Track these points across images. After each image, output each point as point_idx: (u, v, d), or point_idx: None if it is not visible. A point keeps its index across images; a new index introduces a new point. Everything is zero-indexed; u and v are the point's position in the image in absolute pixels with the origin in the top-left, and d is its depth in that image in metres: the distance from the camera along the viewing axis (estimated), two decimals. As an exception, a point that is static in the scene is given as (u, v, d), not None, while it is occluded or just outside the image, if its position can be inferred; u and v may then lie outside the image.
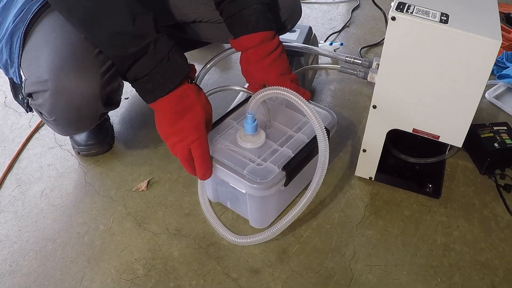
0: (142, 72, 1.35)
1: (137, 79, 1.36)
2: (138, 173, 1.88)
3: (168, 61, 1.35)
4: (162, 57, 1.34)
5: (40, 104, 1.49)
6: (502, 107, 2.25)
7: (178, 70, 1.37)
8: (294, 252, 1.59)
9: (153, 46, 1.33)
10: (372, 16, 3.05)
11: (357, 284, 1.52)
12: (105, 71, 1.49)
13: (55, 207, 1.76)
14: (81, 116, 1.53)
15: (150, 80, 1.35)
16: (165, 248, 1.61)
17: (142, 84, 1.37)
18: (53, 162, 1.94)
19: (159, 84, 1.36)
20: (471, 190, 1.83)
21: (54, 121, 1.54)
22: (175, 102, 1.39)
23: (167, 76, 1.36)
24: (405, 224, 1.69)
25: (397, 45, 1.41)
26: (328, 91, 2.35)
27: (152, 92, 1.37)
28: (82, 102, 1.48)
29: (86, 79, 1.46)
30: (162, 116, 1.41)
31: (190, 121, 1.40)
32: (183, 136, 1.41)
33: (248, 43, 1.57)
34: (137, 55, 1.33)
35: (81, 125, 1.60)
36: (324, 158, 1.46)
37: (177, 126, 1.40)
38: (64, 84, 1.43)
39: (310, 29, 2.18)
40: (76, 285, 1.52)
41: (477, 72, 1.37)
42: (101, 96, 1.50)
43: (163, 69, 1.35)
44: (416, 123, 1.57)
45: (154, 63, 1.34)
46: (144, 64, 1.34)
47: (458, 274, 1.55)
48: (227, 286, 1.50)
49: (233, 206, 1.71)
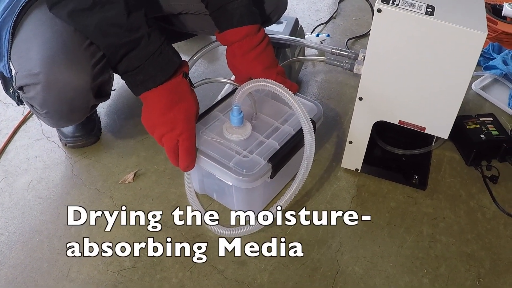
0: (134, 64, 1.36)
1: (128, 71, 1.37)
2: (125, 165, 1.88)
3: (161, 54, 1.36)
4: (155, 50, 1.35)
5: (31, 97, 1.49)
6: (488, 98, 2.26)
7: (170, 62, 1.39)
8: (280, 244, 1.60)
9: (146, 39, 1.34)
10: (358, 7, 3.05)
11: (344, 276, 1.52)
12: (96, 62, 1.48)
13: (42, 198, 1.75)
14: (73, 108, 1.53)
15: (141, 72, 1.36)
16: (151, 240, 1.61)
17: (133, 76, 1.38)
18: (40, 153, 1.94)
19: (150, 76, 1.37)
20: (457, 181, 1.84)
21: (46, 114, 1.54)
22: (169, 92, 1.40)
23: (160, 68, 1.37)
24: (391, 216, 1.70)
25: (383, 37, 1.41)
26: (314, 82, 2.35)
27: (143, 84, 1.38)
28: (73, 94, 1.48)
29: (77, 71, 1.45)
30: (154, 105, 1.41)
31: (183, 112, 1.41)
32: (173, 126, 1.41)
33: (233, 37, 1.57)
34: (130, 46, 1.34)
35: (73, 117, 1.60)
36: (310, 150, 1.47)
37: (169, 116, 1.40)
38: (56, 76, 1.43)
39: (296, 21, 2.18)
40: (63, 277, 1.52)
41: (463, 64, 1.38)
42: (92, 87, 1.50)
43: (156, 61, 1.36)
44: (402, 114, 1.57)
45: (147, 55, 1.35)
46: (136, 56, 1.35)
47: (444, 266, 1.56)
48: (213, 278, 1.51)
49: (219, 198, 1.71)
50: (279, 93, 1.45)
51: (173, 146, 1.44)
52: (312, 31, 2.78)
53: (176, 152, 1.46)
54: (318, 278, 1.51)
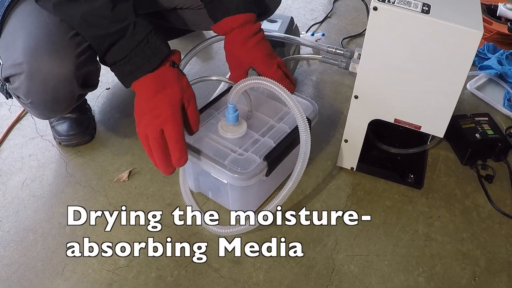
0: (120, 54, 1.35)
1: (116, 62, 1.36)
2: (119, 164, 1.88)
3: (147, 43, 1.35)
4: (141, 39, 1.34)
5: (16, 87, 1.50)
6: (483, 98, 2.26)
7: (157, 52, 1.37)
8: (276, 242, 1.59)
9: (132, 28, 1.33)
10: (354, 7, 3.05)
11: (339, 274, 1.52)
12: (81, 52, 1.49)
13: (36, 197, 1.75)
14: (57, 98, 1.54)
15: (128, 63, 1.35)
16: (146, 238, 1.60)
17: (121, 67, 1.37)
18: (34, 152, 1.93)
19: (138, 66, 1.35)
20: (453, 180, 1.84)
21: (31, 104, 1.55)
22: (153, 80, 1.37)
23: (146, 59, 1.35)
24: (386, 215, 1.70)
25: (378, 35, 1.41)
26: (309, 81, 2.35)
27: (130, 74, 1.37)
28: (57, 83, 1.49)
29: (60, 60, 1.46)
30: (139, 95, 1.40)
31: (165, 98, 1.36)
32: (156, 113, 1.35)
33: (232, 24, 1.54)
34: (116, 37, 1.33)
35: (58, 106, 1.60)
36: (305, 148, 1.47)
37: (152, 103, 1.36)
38: (39, 65, 1.44)
39: (291, 20, 2.18)
40: (58, 276, 1.51)
41: (458, 63, 1.38)
42: (77, 77, 1.51)
43: (142, 51, 1.34)
44: (397, 113, 1.57)
45: (133, 45, 1.34)
46: (122, 46, 1.34)
47: (440, 264, 1.56)
48: (209, 276, 1.50)
49: (214, 196, 1.71)
50: (275, 91, 1.45)
51: (157, 136, 1.35)
52: (307, 31, 2.77)
53: (161, 145, 1.37)
54: (314, 276, 1.51)
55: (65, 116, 1.93)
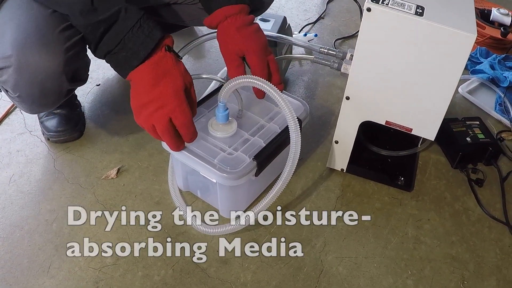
0: (114, 41, 1.33)
1: (110, 50, 1.35)
2: (108, 161, 1.86)
3: (140, 27, 1.33)
4: (133, 23, 1.33)
5: (4, 80, 1.50)
6: (475, 102, 2.26)
7: (151, 36, 1.35)
8: (264, 243, 1.59)
9: (123, 13, 1.32)
10: (347, 8, 3.04)
11: (327, 276, 1.51)
12: (70, 47, 1.49)
13: (23, 193, 1.74)
14: (45, 92, 1.53)
15: (122, 49, 1.34)
16: (134, 237, 1.59)
17: (115, 55, 1.35)
18: (22, 148, 1.92)
19: (132, 52, 1.34)
20: (443, 183, 1.84)
21: (19, 98, 1.55)
22: (151, 68, 1.36)
23: (140, 43, 1.33)
24: (376, 217, 1.69)
25: (371, 37, 1.41)
26: (301, 82, 2.34)
27: (126, 62, 1.35)
28: (45, 77, 1.48)
29: (49, 54, 1.46)
30: (138, 85, 1.38)
31: (168, 87, 1.36)
32: (161, 103, 1.35)
33: (226, 12, 1.53)
34: (108, 22, 1.31)
35: (46, 100, 1.59)
36: (295, 148, 1.46)
37: (154, 93, 1.35)
38: (27, 59, 1.44)
39: (284, 19, 2.17)
40: (44, 273, 1.50)
41: (451, 66, 1.37)
42: (65, 71, 1.50)
43: (135, 35, 1.33)
44: (389, 115, 1.56)
45: (126, 29, 1.32)
46: (115, 32, 1.32)
47: (429, 267, 1.56)
48: (196, 276, 1.50)
49: (203, 195, 1.70)
50: (266, 90, 1.44)
51: (166, 125, 1.38)
52: (299, 31, 2.77)
53: (171, 132, 1.40)
54: (302, 277, 1.50)
55: (54, 112, 1.91)
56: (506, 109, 2.17)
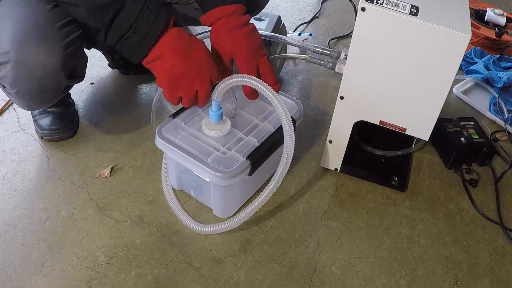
0: (126, 24, 1.34)
1: (122, 35, 1.36)
2: (101, 160, 1.86)
3: (148, 9, 1.35)
4: (142, 6, 1.34)
5: (2, 76, 1.49)
6: (469, 102, 2.27)
7: (160, 15, 1.37)
8: (257, 242, 1.59)
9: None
10: (342, 8, 3.04)
11: (321, 276, 1.51)
12: (69, 43, 1.49)
13: (16, 192, 1.73)
14: (43, 88, 1.53)
15: (135, 32, 1.35)
16: (127, 235, 1.59)
17: (128, 40, 1.36)
18: (16, 146, 1.91)
19: (146, 32, 1.35)
20: (437, 184, 1.84)
21: (17, 94, 1.54)
22: (177, 39, 1.40)
23: (151, 23, 1.35)
24: (369, 217, 1.69)
25: (366, 36, 1.40)
26: (295, 81, 2.34)
27: (140, 44, 1.37)
28: (43, 73, 1.48)
29: (48, 50, 1.46)
30: (171, 59, 1.40)
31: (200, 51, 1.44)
32: (201, 67, 1.42)
33: (219, 14, 1.52)
34: (117, 6, 1.32)
35: (44, 97, 1.59)
36: (289, 148, 1.46)
37: (192, 59, 1.42)
38: (26, 54, 1.44)
39: (279, 19, 2.17)
40: (37, 272, 1.49)
41: (446, 66, 1.37)
42: (64, 68, 1.51)
43: (146, 16, 1.34)
44: (383, 115, 1.56)
45: (136, 12, 1.34)
46: (126, 16, 1.34)
47: (422, 268, 1.55)
48: (189, 275, 1.49)
49: (196, 194, 1.70)
50: (260, 89, 1.43)
51: (209, 87, 1.47)
52: (294, 30, 2.77)
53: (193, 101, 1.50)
54: (295, 277, 1.50)
55: (48, 110, 1.91)
56: (501, 110, 2.17)
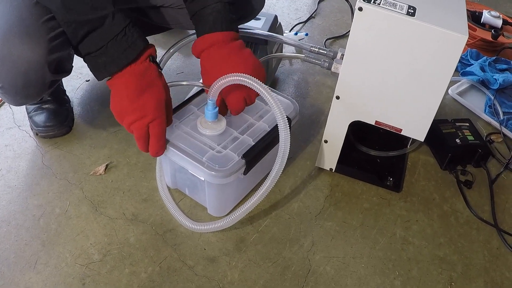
0: (96, 45, 1.33)
1: (90, 52, 1.34)
2: (96, 157, 1.85)
3: (124, 36, 1.33)
4: (119, 31, 1.32)
5: None
6: (464, 104, 2.27)
7: (134, 45, 1.35)
8: (252, 241, 1.58)
9: (110, 18, 1.31)
10: (338, 8, 3.05)
11: (315, 276, 1.51)
12: (53, 37, 1.48)
13: (11, 188, 1.72)
14: (27, 83, 1.52)
15: (103, 54, 1.33)
16: (121, 233, 1.59)
17: (95, 58, 1.35)
18: (10, 142, 1.91)
19: (113, 58, 1.34)
20: (432, 185, 1.84)
21: (2, 89, 1.54)
22: (137, 78, 1.36)
23: (122, 51, 1.33)
24: (364, 217, 1.69)
25: (362, 36, 1.40)
26: (291, 81, 2.34)
27: (105, 67, 1.36)
28: (28, 67, 1.47)
29: (31, 44, 1.45)
30: (122, 92, 1.38)
31: (152, 98, 1.37)
32: (143, 113, 1.37)
33: (202, 45, 1.52)
34: (93, 25, 1.31)
35: (29, 92, 1.58)
36: (284, 147, 1.45)
37: (138, 103, 1.37)
38: (10, 49, 1.43)
39: (275, 18, 2.17)
40: (30, 269, 1.49)
41: (442, 67, 1.37)
42: (48, 62, 1.50)
43: (118, 43, 1.33)
44: (378, 115, 1.56)
45: (110, 36, 1.32)
46: (99, 37, 1.32)
47: (416, 268, 1.56)
48: (183, 274, 1.49)
49: (191, 193, 1.70)
50: (255, 88, 1.43)
51: (144, 133, 1.41)
52: (290, 30, 2.77)
53: (145, 139, 1.43)
54: (289, 277, 1.50)
55: (43, 107, 1.90)
56: (496, 111, 2.18)
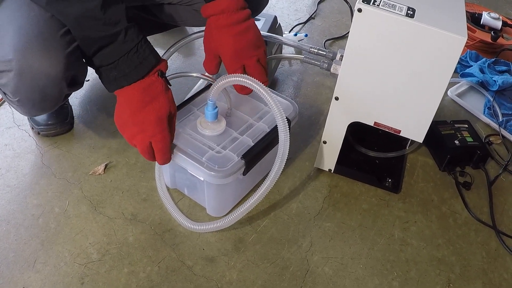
0: (108, 60, 1.32)
1: (102, 65, 1.34)
2: (95, 156, 1.86)
3: (136, 52, 1.32)
4: (131, 48, 1.32)
5: (4, 84, 1.47)
6: (463, 105, 2.27)
7: (145, 62, 1.34)
8: (250, 242, 1.59)
9: (123, 35, 1.30)
10: (338, 9, 3.05)
11: (313, 276, 1.51)
12: (71, 52, 1.46)
13: (10, 187, 1.73)
14: (45, 97, 1.51)
15: (115, 69, 1.33)
16: (120, 233, 1.59)
17: (107, 71, 1.34)
18: (10, 142, 1.91)
19: (124, 73, 1.33)
20: (430, 186, 1.84)
21: (18, 102, 1.52)
22: (140, 92, 1.35)
23: (133, 67, 1.33)
24: (363, 218, 1.69)
25: (362, 37, 1.41)
26: (290, 81, 2.34)
27: (115, 81, 1.35)
28: (46, 82, 1.46)
29: (51, 59, 1.43)
30: (125, 105, 1.38)
31: (152, 113, 1.37)
32: (143, 128, 1.37)
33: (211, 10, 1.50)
34: (106, 41, 1.30)
35: (45, 105, 1.58)
36: (283, 148, 1.46)
37: (139, 117, 1.37)
38: (29, 63, 1.41)
39: (275, 19, 2.17)
40: (29, 268, 1.49)
41: (441, 68, 1.37)
42: (66, 76, 1.48)
43: (130, 60, 1.32)
44: (377, 116, 1.56)
45: (122, 52, 1.31)
46: (111, 52, 1.31)
47: (415, 269, 1.56)
48: (182, 274, 1.49)
49: (190, 193, 1.70)
50: (255, 89, 1.43)
51: (146, 147, 1.41)
52: (290, 31, 2.77)
53: (150, 152, 1.43)
54: (288, 277, 1.50)
55: (43, 106, 1.90)
56: (495, 113, 2.18)
